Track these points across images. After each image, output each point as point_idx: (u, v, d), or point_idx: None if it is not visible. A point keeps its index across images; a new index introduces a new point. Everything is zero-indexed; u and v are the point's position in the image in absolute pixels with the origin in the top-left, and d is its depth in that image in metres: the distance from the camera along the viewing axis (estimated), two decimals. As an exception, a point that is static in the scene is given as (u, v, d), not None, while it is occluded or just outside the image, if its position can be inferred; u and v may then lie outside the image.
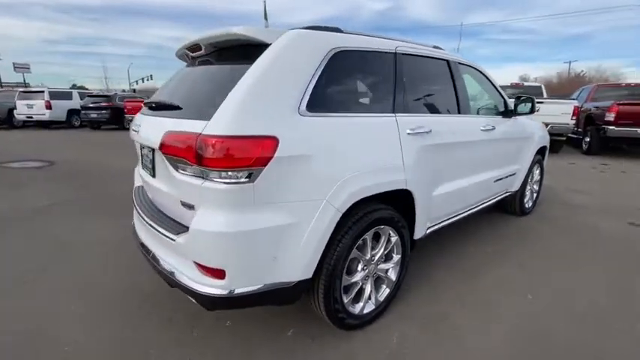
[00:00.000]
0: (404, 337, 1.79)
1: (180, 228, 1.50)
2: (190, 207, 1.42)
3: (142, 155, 1.91)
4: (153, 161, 1.70)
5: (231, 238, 1.32)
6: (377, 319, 1.90)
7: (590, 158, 7.78)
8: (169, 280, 1.55)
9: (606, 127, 7.54)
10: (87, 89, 24.76)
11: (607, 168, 6.68)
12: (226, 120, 1.30)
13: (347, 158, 1.57)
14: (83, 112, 13.74)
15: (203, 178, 1.33)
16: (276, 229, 1.39)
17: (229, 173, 1.29)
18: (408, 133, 1.87)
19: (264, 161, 1.31)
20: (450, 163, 2.27)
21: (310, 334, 1.81)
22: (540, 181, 4.00)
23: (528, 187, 3.65)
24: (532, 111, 2.90)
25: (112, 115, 13.49)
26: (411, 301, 2.09)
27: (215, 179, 1.30)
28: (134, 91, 31.97)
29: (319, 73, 1.54)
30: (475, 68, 2.80)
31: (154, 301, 2.08)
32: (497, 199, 3.13)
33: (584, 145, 8.53)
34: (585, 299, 2.16)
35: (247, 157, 1.29)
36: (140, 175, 2.03)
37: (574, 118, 8.40)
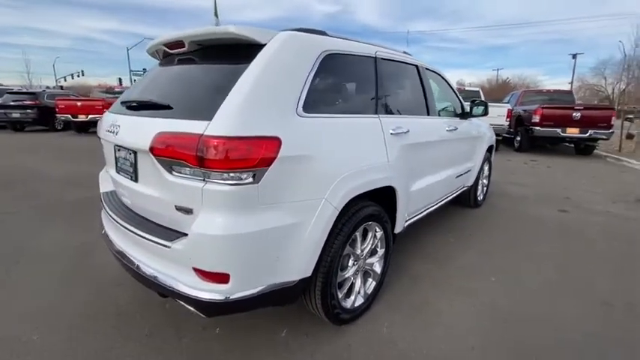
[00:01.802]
0: (393, 325, 1.90)
1: (174, 234, 1.43)
2: (188, 211, 1.36)
3: (116, 158, 1.77)
4: (134, 164, 1.59)
5: (236, 240, 1.30)
6: (366, 311, 1.99)
7: (522, 155, 8.81)
8: (160, 289, 1.47)
9: (533, 127, 8.61)
10: (2, 85, 21.62)
11: (536, 164, 7.62)
12: (230, 120, 1.27)
13: (342, 157, 1.62)
14: (2, 111, 11.97)
15: (204, 180, 1.29)
16: (280, 230, 1.39)
17: (233, 175, 1.27)
18: (391, 133, 1.99)
19: (268, 162, 1.31)
20: (423, 161, 2.45)
21: (303, 331, 1.83)
22: (489, 177, 4.45)
23: (480, 182, 4.05)
24: (485, 113, 3.24)
25: (40, 114, 11.96)
26: (395, 292, 2.22)
27: (218, 181, 1.27)
28: (61, 87, 28.62)
29: (312, 75, 1.57)
30: (437, 73, 3.04)
31: (131, 315, 1.93)
32: (457, 193, 3.43)
33: (515, 144, 9.63)
34: (540, 277, 2.47)
35: (252, 158, 1.28)
36: (113, 180, 1.87)
37: (508, 119, 9.45)
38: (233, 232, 1.29)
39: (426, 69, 2.75)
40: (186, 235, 1.41)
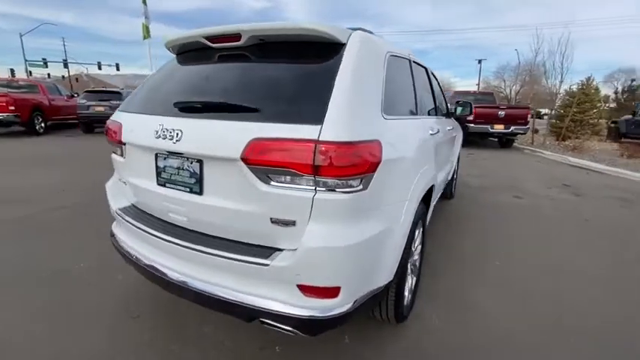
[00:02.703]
0: (435, 312, 2.01)
1: (266, 251, 1.30)
2: (288, 223, 1.24)
3: (160, 168, 1.51)
4: (199, 175, 1.38)
5: (350, 251, 1.23)
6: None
7: (462, 150, 9.87)
8: (246, 312, 1.31)
9: (468, 124, 9.70)
10: None
11: (474, 157, 8.62)
12: (341, 125, 1.19)
13: (415, 159, 1.65)
14: None
15: (315, 189, 1.19)
16: (380, 235, 1.36)
17: (346, 182, 1.20)
18: (430, 134, 2.07)
19: (374, 167, 1.27)
20: (440, 159, 2.60)
21: (363, 334, 1.81)
22: (457, 170, 4.91)
23: (455, 175, 4.45)
24: (470, 113, 3.57)
25: None
26: (428, 284, 2.33)
27: (333, 189, 1.19)
28: None
29: (385, 76, 1.56)
30: (433, 74, 3.24)
31: (167, 347, 1.68)
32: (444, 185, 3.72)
33: (453, 139, 10.74)
34: (532, 255, 2.84)
35: (362, 164, 1.22)
36: (147, 193, 1.59)
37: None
38: (348, 242, 1.22)
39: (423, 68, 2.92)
40: (280, 250, 1.29)
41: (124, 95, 11.03)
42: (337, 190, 1.19)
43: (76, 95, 12.78)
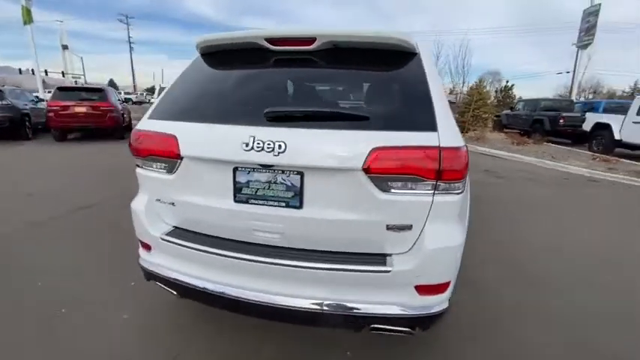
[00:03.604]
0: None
1: (377, 258, 1.32)
2: (404, 228, 1.28)
3: (240, 184, 1.35)
4: (300, 188, 1.30)
5: (460, 248, 1.34)
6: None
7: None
8: (359, 322, 1.32)
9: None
10: None
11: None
12: (451, 131, 1.28)
13: None
14: None
15: (433, 193, 1.26)
16: (465, 231, 1.50)
17: (457, 184, 1.30)
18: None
19: (467, 170, 1.39)
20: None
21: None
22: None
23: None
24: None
25: None
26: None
27: (448, 192, 1.27)
28: None
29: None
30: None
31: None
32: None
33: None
34: (526, 227, 3.38)
35: (466, 166, 1.33)
36: (221, 212, 1.41)
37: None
38: (460, 240, 1.33)
39: None
40: (389, 255, 1.33)
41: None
42: (450, 192, 1.28)
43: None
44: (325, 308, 1.31)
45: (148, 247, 1.61)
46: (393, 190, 1.25)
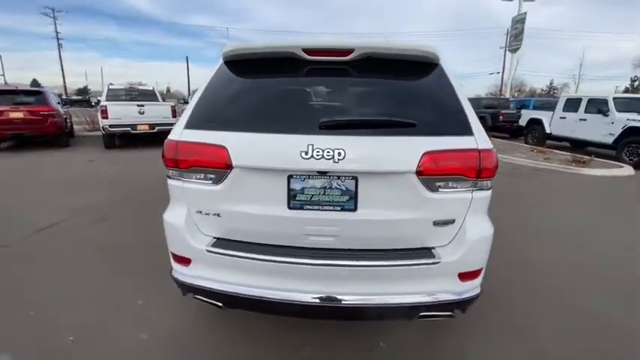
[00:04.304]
0: None
1: (423, 251, 1.47)
2: (448, 222, 1.44)
3: (295, 191, 1.39)
4: (355, 192, 1.38)
5: (492, 237, 1.52)
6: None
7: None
8: (411, 312, 1.46)
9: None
10: None
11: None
12: (483, 135, 1.46)
13: None
14: None
15: (472, 190, 1.42)
16: None
17: (489, 182, 1.48)
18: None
19: (497, 169, 1.58)
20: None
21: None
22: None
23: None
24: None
25: None
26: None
27: (483, 188, 1.45)
28: None
29: None
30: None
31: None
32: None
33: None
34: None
35: (496, 166, 1.50)
36: (274, 219, 1.44)
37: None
38: (492, 230, 1.51)
39: None
40: (432, 248, 1.48)
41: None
42: (484, 188, 1.46)
43: None
44: (381, 302, 1.41)
45: (185, 261, 1.56)
46: (440, 190, 1.40)
